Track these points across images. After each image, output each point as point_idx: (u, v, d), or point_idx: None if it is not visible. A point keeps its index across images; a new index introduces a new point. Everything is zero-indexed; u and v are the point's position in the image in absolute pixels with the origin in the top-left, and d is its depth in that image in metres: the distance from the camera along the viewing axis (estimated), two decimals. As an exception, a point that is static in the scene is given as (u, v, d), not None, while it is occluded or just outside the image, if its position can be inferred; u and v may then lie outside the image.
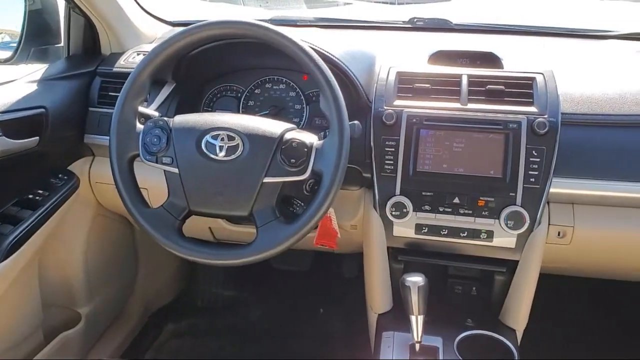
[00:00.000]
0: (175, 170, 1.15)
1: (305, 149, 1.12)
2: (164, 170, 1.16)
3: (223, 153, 1.12)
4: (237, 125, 1.14)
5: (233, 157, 1.12)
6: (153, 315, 2.26)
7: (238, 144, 1.12)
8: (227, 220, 1.55)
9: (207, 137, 1.14)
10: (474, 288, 1.48)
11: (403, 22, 1.87)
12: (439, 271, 1.49)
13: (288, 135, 1.13)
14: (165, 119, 1.19)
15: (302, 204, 1.26)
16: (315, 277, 2.36)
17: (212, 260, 1.13)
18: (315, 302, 2.30)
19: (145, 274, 2.13)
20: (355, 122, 1.17)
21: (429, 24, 1.82)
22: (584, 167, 1.27)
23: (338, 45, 1.46)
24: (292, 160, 1.11)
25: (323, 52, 1.33)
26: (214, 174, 1.13)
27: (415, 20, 1.85)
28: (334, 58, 1.35)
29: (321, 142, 1.13)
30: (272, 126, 1.15)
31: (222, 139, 1.13)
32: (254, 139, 1.12)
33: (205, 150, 1.13)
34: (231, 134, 1.13)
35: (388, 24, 1.89)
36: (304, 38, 1.33)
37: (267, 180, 1.11)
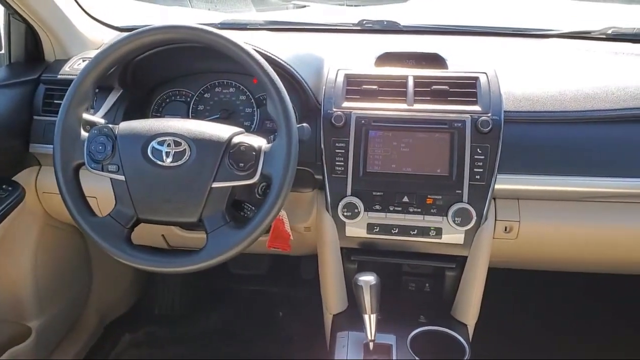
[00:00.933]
0: (122, 177, 1.13)
1: (254, 153, 1.12)
2: (111, 179, 1.15)
3: (170, 159, 1.11)
4: (184, 130, 1.13)
5: (180, 162, 1.11)
6: (109, 325, 2.22)
7: (185, 149, 1.11)
8: (178, 226, 1.53)
9: (153, 143, 1.13)
10: (427, 284, 1.51)
11: (353, 24, 1.89)
12: (393, 269, 1.51)
13: (236, 139, 1.13)
14: (110, 126, 1.17)
15: (253, 207, 1.26)
16: (273, 280, 2.36)
17: (160, 267, 1.12)
18: (274, 306, 2.30)
19: (99, 283, 2.09)
20: (304, 124, 1.18)
21: (378, 26, 1.84)
22: (527, 163, 1.31)
23: (286, 48, 1.47)
24: (241, 164, 1.11)
25: (270, 55, 1.33)
26: (161, 180, 1.12)
27: (364, 22, 1.87)
28: (281, 61, 1.35)
29: (270, 145, 1.14)
30: (219, 130, 1.15)
31: (169, 145, 1.12)
32: (201, 144, 1.12)
33: (151, 157, 1.12)
34: (177, 139, 1.12)
35: (338, 27, 1.91)
36: (254, 41, 1.34)
37: (215, 185, 1.11)
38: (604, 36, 1.74)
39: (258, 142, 1.14)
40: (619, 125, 1.33)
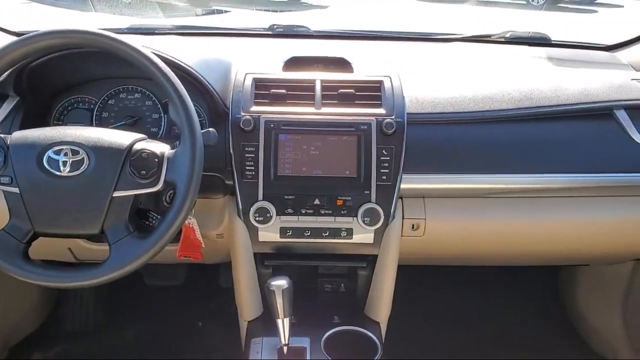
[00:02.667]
0: (16, 190, 1.07)
1: (156, 159, 1.09)
2: (3, 191, 1.08)
3: (67, 169, 1.06)
4: (81, 138, 1.09)
5: (78, 172, 1.06)
6: (15, 347, 2.08)
7: (83, 158, 1.07)
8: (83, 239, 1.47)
9: (49, 153, 1.07)
10: (342, 285, 1.53)
11: (263, 29, 1.89)
12: (309, 272, 1.52)
13: (137, 146, 1.10)
14: (2, 135, 1.11)
15: (159, 216, 1.23)
16: (191, 290, 2.31)
17: (59, 283, 1.07)
18: (193, 316, 2.25)
19: (1, 304, 1.96)
20: (210, 129, 1.17)
21: (288, 31, 1.86)
22: (430, 162, 1.37)
23: (193, 53, 1.44)
24: (143, 172, 1.08)
25: (172, 59, 1.30)
26: (59, 191, 1.07)
27: (275, 27, 1.88)
28: (185, 65, 1.33)
29: (173, 151, 1.11)
30: (119, 137, 1.11)
31: (66, 154, 1.07)
32: (100, 152, 1.08)
33: (47, 167, 1.06)
34: (75, 147, 1.08)
35: (249, 31, 1.90)
36: (162, 47, 1.31)
37: (117, 194, 1.07)
38: (503, 40, 1.84)
39: (161, 148, 1.11)
40: (515, 124, 1.40)
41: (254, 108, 1.32)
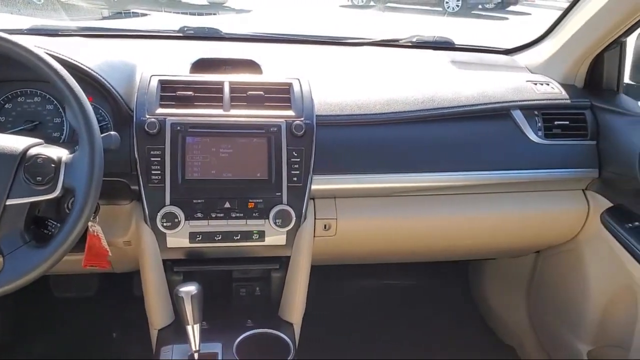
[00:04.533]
0: None
1: (53, 165, 1.04)
2: None
3: None
4: None
5: None
6: None
7: None
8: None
9: None
10: (257, 288, 1.52)
11: (173, 31, 1.85)
12: (223, 276, 1.50)
13: (33, 151, 1.04)
14: None
15: (58, 224, 1.17)
16: (104, 300, 2.22)
17: None
18: (106, 327, 2.16)
19: None
20: (112, 132, 1.13)
21: (199, 33, 1.83)
22: (340, 163, 1.39)
23: (95, 54, 1.39)
24: (39, 178, 1.02)
25: (71, 61, 1.25)
26: None
27: (185, 29, 1.85)
28: (84, 67, 1.28)
29: (71, 156, 1.07)
30: (12, 142, 1.05)
31: None
32: None
33: None
34: None
35: (158, 33, 1.86)
36: (63, 48, 1.25)
37: (10, 202, 1.01)
38: (410, 44, 1.90)
39: (58, 153, 1.06)
40: (419, 125, 1.45)
41: (160, 110, 1.29)
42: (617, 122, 1.50)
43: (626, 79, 1.63)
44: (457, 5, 12.92)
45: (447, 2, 12.90)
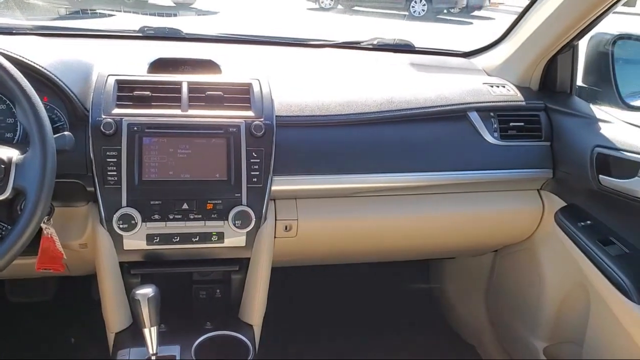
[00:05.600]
0: None
1: (3, 166, 1.02)
2: None
3: None
4: None
5: None
6: None
7: None
8: None
9: None
10: (217, 291, 1.50)
11: (133, 31, 1.83)
12: (183, 279, 1.49)
13: None
14: None
15: (9, 226, 1.14)
16: (62, 304, 2.18)
17: None
18: (65, 332, 2.11)
19: None
20: (65, 132, 1.11)
21: (159, 33, 1.81)
22: (300, 164, 1.39)
23: (49, 53, 1.36)
24: None
25: (22, 59, 1.22)
26: None
27: (145, 29, 1.82)
28: (38, 66, 1.25)
29: (22, 156, 1.04)
30: None
31: None
32: None
33: None
34: None
35: (117, 33, 1.83)
36: (15, 47, 1.23)
37: None
38: (371, 46, 1.92)
39: (8, 153, 1.04)
40: (378, 126, 1.47)
41: (116, 111, 1.27)
42: (570, 123, 1.55)
43: (579, 82, 1.68)
44: (423, 10, 13.11)
45: (413, 7, 13.08)
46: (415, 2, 13.11)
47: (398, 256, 1.87)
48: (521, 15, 1.64)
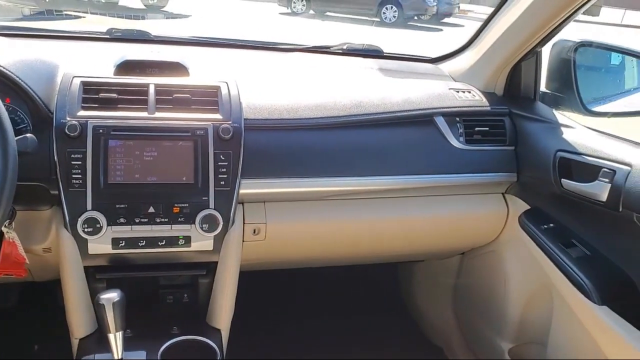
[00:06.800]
0: None
1: None
2: None
3: None
4: None
5: None
6: None
7: None
8: None
9: None
10: (185, 295, 1.49)
11: (100, 32, 1.81)
12: (150, 283, 1.47)
13: None
14: None
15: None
16: (25, 311, 2.13)
17: None
18: (28, 339, 2.06)
19: None
20: (28, 135, 1.10)
21: (127, 35, 1.79)
22: (268, 167, 1.39)
23: (12, 54, 1.34)
24: None
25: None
26: None
27: (113, 31, 1.80)
28: None
29: None
30: None
31: None
32: None
33: None
34: None
35: (83, 34, 1.81)
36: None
37: None
38: (340, 51, 1.94)
39: None
40: (347, 130, 1.48)
41: (82, 113, 1.26)
42: (534, 128, 1.58)
43: (542, 88, 1.72)
44: (394, 16, 13.26)
45: (384, 13, 13.22)
46: (387, 8, 13.26)
47: (367, 259, 1.89)
48: (486, 23, 1.67)
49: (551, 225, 1.56)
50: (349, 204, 1.52)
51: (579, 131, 1.50)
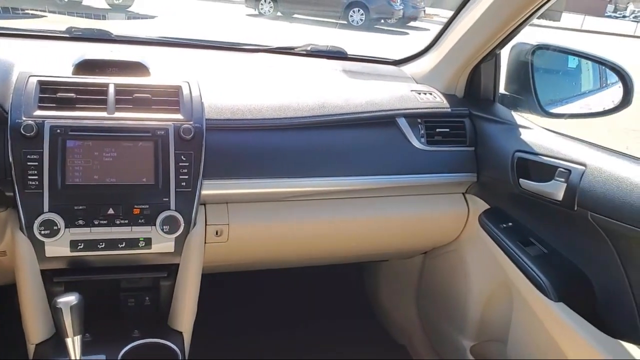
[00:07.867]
0: None
1: None
2: None
3: None
4: None
5: None
6: None
7: None
8: None
9: None
10: (147, 298, 1.47)
11: (59, 31, 1.77)
12: (110, 286, 1.44)
13: None
14: None
15: None
16: None
17: None
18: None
19: None
20: None
21: (87, 34, 1.76)
22: (231, 168, 1.38)
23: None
24: None
25: None
26: None
27: (72, 30, 1.77)
28: None
29: None
30: None
31: None
32: None
33: None
34: None
35: (41, 33, 1.77)
36: None
37: None
38: (305, 52, 1.94)
39: None
40: (310, 131, 1.48)
41: (38, 112, 1.23)
42: (493, 129, 1.62)
43: (501, 90, 1.76)
44: (361, 19, 13.37)
45: (351, 16, 13.32)
46: (354, 11, 13.36)
47: (330, 259, 1.89)
48: (446, 26, 1.70)
49: (510, 224, 1.60)
50: (312, 204, 1.52)
51: (536, 132, 1.54)
